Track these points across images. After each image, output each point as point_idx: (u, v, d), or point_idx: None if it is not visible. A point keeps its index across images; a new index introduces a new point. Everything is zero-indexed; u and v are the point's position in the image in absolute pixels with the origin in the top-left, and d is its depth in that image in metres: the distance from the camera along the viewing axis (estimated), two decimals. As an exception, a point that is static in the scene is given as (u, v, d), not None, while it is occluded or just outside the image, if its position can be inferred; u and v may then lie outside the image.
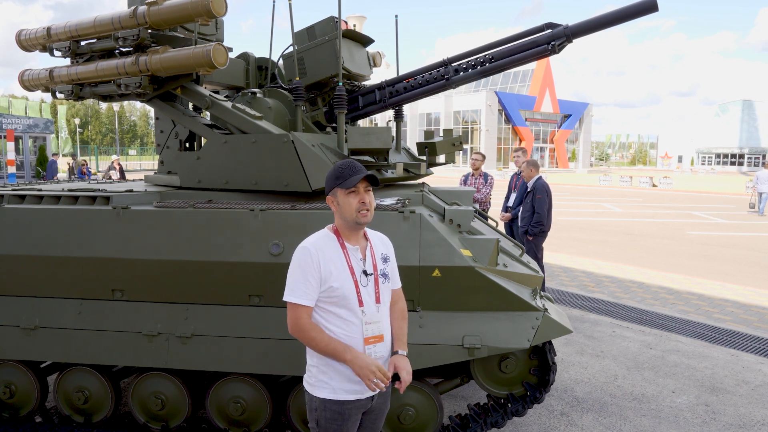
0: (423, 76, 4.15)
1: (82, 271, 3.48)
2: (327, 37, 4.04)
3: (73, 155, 22.58)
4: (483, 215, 5.20)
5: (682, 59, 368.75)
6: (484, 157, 8.13)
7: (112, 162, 16.63)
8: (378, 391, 2.32)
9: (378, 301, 2.39)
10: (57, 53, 4.02)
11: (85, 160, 21.78)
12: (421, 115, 57.10)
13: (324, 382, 2.35)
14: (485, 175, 7.92)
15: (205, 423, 3.78)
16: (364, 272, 2.37)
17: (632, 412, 4.33)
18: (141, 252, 3.40)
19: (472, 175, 7.98)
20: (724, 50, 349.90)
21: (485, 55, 3.96)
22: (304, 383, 2.44)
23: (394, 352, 2.48)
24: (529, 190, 6.81)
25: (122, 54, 3.80)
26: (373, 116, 4.61)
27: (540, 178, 6.85)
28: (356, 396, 2.34)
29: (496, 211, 8.29)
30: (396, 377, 2.40)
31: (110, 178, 8.91)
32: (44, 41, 4.00)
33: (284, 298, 2.29)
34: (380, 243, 2.51)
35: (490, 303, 3.26)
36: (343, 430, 2.36)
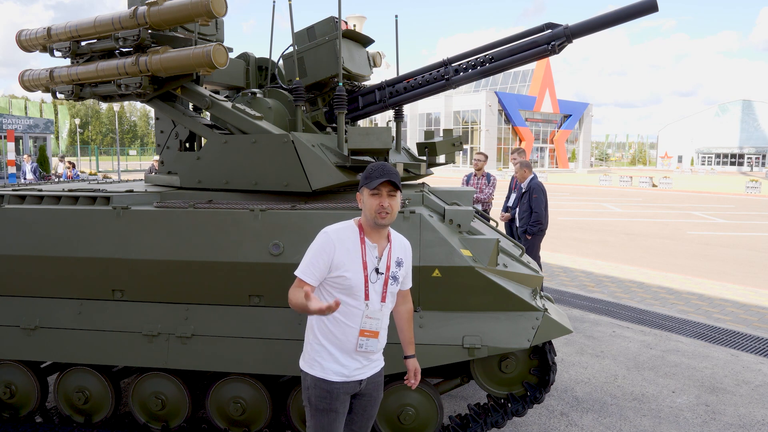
0: (423, 77, 4.14)
1: (82, 271, 3.48)
2: (327, 38, 4.04)
3: (62, 156, 21.83)
4: (485, 216, 5.19)
5: (684, 59, 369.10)
6: (486, 157, 8.09)
7: (155, 162, 16.26)
8: (367, 375, 2.53)
9: (383, 300, 2.49)
10: (57, 53, 4.02)
11: (71, 162, 20.78)
12: (421, 115, 57.11)
13: (316, 362, 2.48)
14: (488, 176, 7.89)
15: (205, 423, 3.78)
16: (376, 270, 2.47)
17: (632, 412, 4.33)
18: (141, 252, 3.40)
19: (475, 176, 7.95)
20: (727, 50, 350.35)
21: (485, 56, 3.96)
22: (300, 361, 2.57)
23: (407, 356, 2.75)
24: (524, 190, 6.83)
25: (122, 54, 3.80)
26: (373, 116, 4.61)
27: (534, 177, 6.87)
28: (343, 378, 2.47)
29: (496, 211, 8.29)
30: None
31: None
32: (44, 41, 4.00)
33: (295, 272, 2.44)
34: (400, 247, 2.60)
35: (490, 303, 3.26)
36: (332, 408, 2.48)
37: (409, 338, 2.77)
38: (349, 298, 2.43)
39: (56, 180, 7.80)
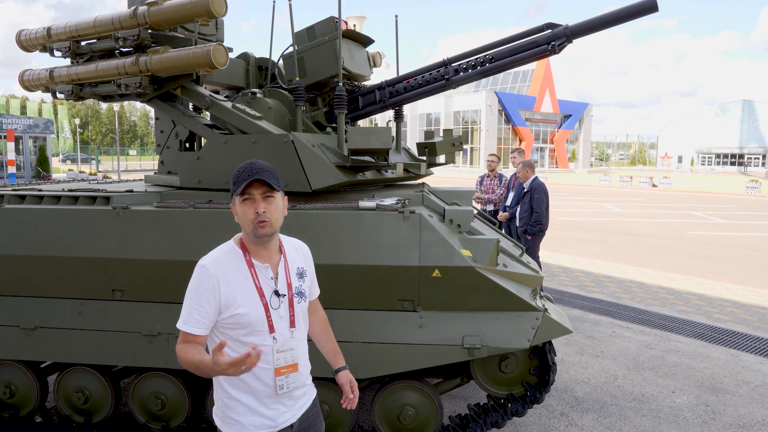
0: (423, 77, 4.14)
1: (82, 271, 3.48)
2: (327, 38, 4.04)
3: None
4: (493, 218, 5.17)
5: (684, 59, 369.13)
6: (499, 158, 8.15)
7: None
8: (298, 416, 2.12)
9: (293, 325, 2.09)
10: (57, 53, 4.02)
11: None
12: (421, 115, 57.11)
13: (232, 419, 2.05)
14: (500, 177, 7.93)
15: (205, 423, 3.78)
16: (276, 293, 2.05)
17: (632, 412, 4.33)
18: (141, 252, 3.40)
19: (488, 176, 7.98)
20: (728, 50, 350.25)
21: (485, 56, 3.96)
22: (215, 418, 2.13)
23: (338, 369, 2.33)
24: (526, 190, 6.86)
25: (122, 54, 3.81)
26: (373, 116, 4.61)
27: (536, 178, 6.90)
28: (270, 430, 2.06)
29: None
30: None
31: None
32: (44, 41, 4.00)
33: (177, 325, 2.00)
34: (296, 254, 2.21)
35: (490, 303, 3.26)
36: None
37: (332, 349, 2.36)
38: (251, 336, 2.00)
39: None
